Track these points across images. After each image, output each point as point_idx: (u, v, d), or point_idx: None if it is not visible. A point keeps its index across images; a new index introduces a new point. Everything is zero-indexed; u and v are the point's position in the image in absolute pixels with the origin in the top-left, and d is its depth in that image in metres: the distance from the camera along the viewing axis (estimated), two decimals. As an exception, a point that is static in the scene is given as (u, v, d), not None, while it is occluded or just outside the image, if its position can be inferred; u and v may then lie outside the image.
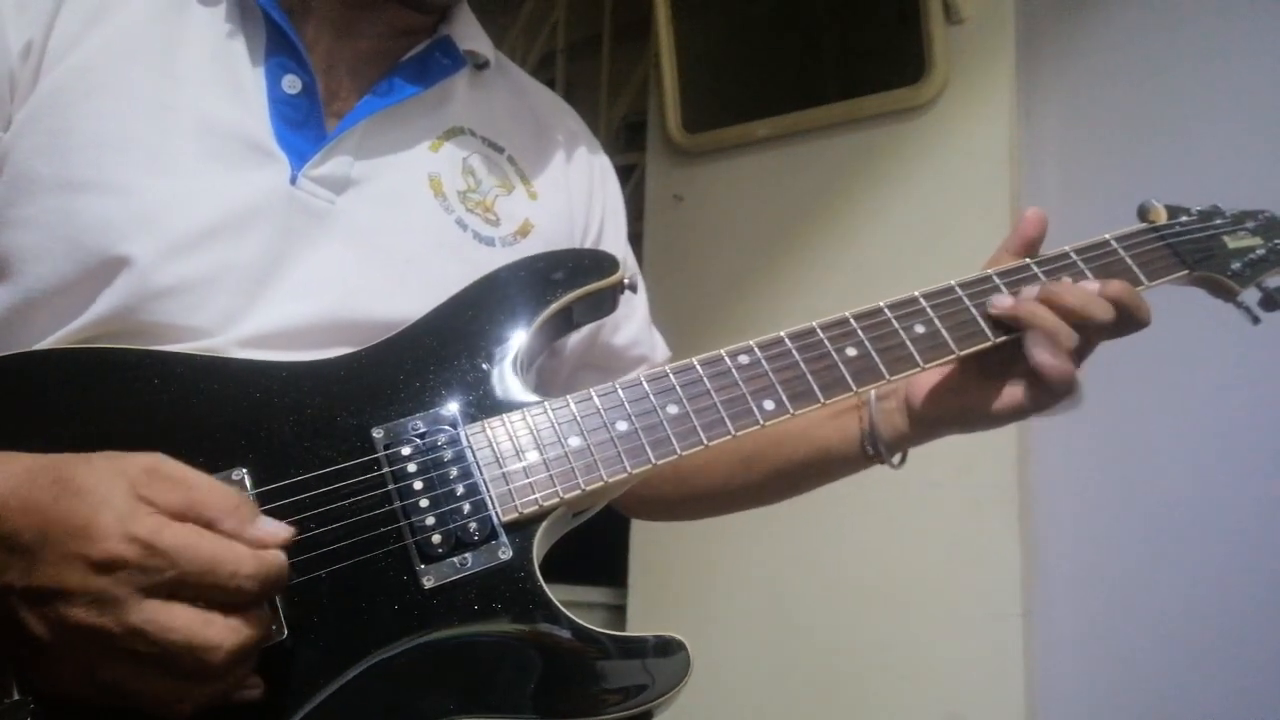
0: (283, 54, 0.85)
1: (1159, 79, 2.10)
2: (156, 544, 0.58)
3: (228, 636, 0.59)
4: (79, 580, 0.57)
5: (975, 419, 0.89)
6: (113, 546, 0.57)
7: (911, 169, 2.23)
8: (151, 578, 0.58)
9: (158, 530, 0.59)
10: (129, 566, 0.57)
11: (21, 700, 0.61)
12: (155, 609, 0.58)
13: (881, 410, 0.94)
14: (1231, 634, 1.85)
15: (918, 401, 0.91)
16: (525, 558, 0.73)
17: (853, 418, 0.96)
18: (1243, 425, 1.91)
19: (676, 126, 2.53)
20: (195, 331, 0.77)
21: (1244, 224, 0.98)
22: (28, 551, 0.57)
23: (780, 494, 1.05)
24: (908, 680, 2.02)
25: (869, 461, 0.96)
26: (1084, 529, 2.03)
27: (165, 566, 0.58)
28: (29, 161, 0.77)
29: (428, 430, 0.76)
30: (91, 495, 0.59)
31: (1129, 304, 0.85)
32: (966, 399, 0.89)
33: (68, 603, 0.57)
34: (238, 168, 0.81)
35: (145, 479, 0.60)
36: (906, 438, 0.93)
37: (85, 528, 0.58)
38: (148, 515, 0.59)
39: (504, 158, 0.97)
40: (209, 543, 0.60)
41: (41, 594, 0.57)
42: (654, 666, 0.72)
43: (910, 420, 0.92)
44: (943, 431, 0.92)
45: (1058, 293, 0.84)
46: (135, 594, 0.57)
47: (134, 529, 0.58)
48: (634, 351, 1.07)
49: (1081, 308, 0.83)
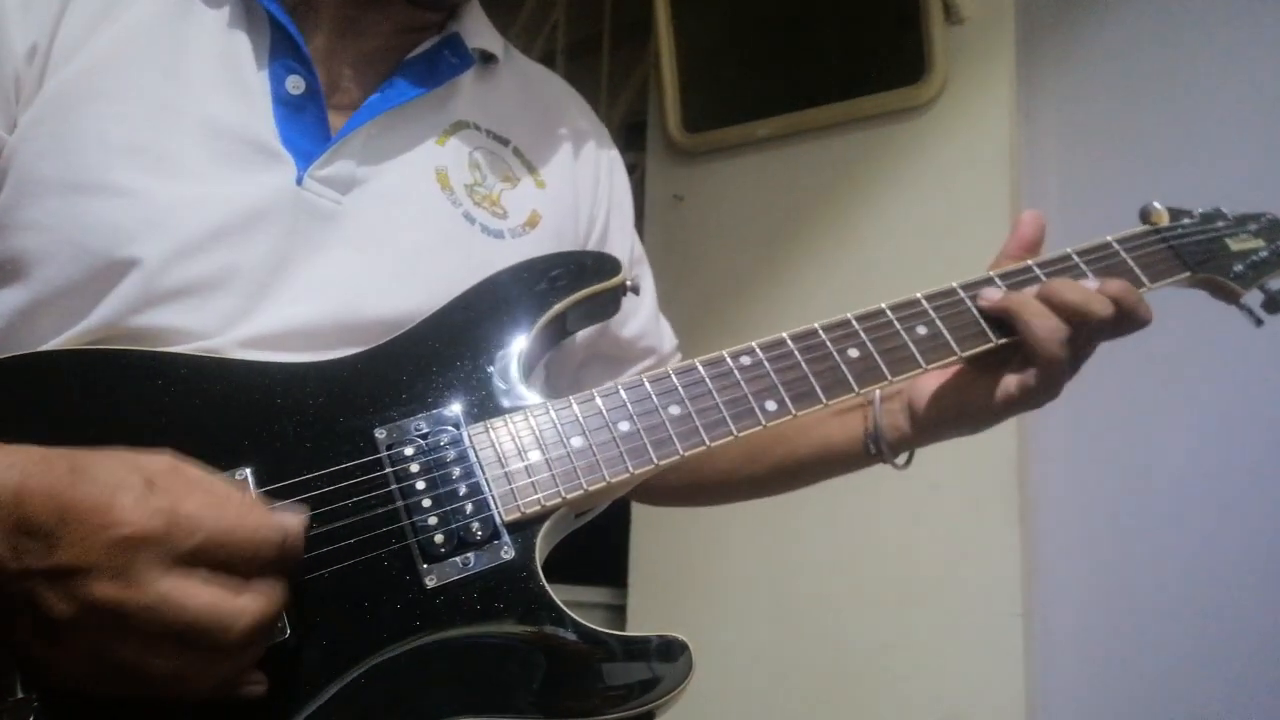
0: (287, 55, 0.85)
1: (1159, 79, 2.10)
2: (179, 510, 0.59)
3: (247, 605, 0.59)
4: (102, 556, 0.57)
5: (972, 416, 0.90)
6: (135, 519, 0.58)
7: (911, 169, 2.23)
8: (175, 547, 0.58)
9: (178, 501, 0.59)
10: (152, 539, 0.58)
11: (25, 698, 0.61)
12: (176, 581, 0.58)
13: (886, 411, 0.95)
14: (1231, 634, 1.85)
15: (920, 403, 0.92)
16: (528, 558, 0.74)
17: (857, 416, 0.97)
18: (1243, 425, 1.91)
19: (676, 126, 2.53)
20: (199, 333, 0.77)
21: (1246, 226, 0.98)
22: (48, 534, 0.57)
23: (783, 486, 1.06)
24: (908, 680, 2.03)
25: (871, 460, 0.97)
26: (1084, 529, 2.04)
27: (189, 532, 0.59)
28: (34, 164, 0.77)
29: (430, 430, 0.76)
30: (109, 480, 0.59)
31: (1128, 301, 0.85)
32: (963, 397, 0.90)
33: (92, 579, 0.57)
34: (243, 169, 0.81)
35: (161, 475, 0.61)
36: (908, 439, 0.94)
37: (105, 507, 0.58)
38: (165, 493, 0.60)
39: (509, 150, 0.97)
40: (231, 508, 0.61)
41: (63, 572, 0.57)
42: (656, 667, 0.72)
43: (912, 421, 0.93)
44: (944, 432, 0.93)
45: (1057, 289, 0.85)
46: (157, 567, 0.58)
47: (154, 504, 0.59)
48: (642, 343, 1.07)
49: (1081, 304, 0.84)
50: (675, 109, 2.53)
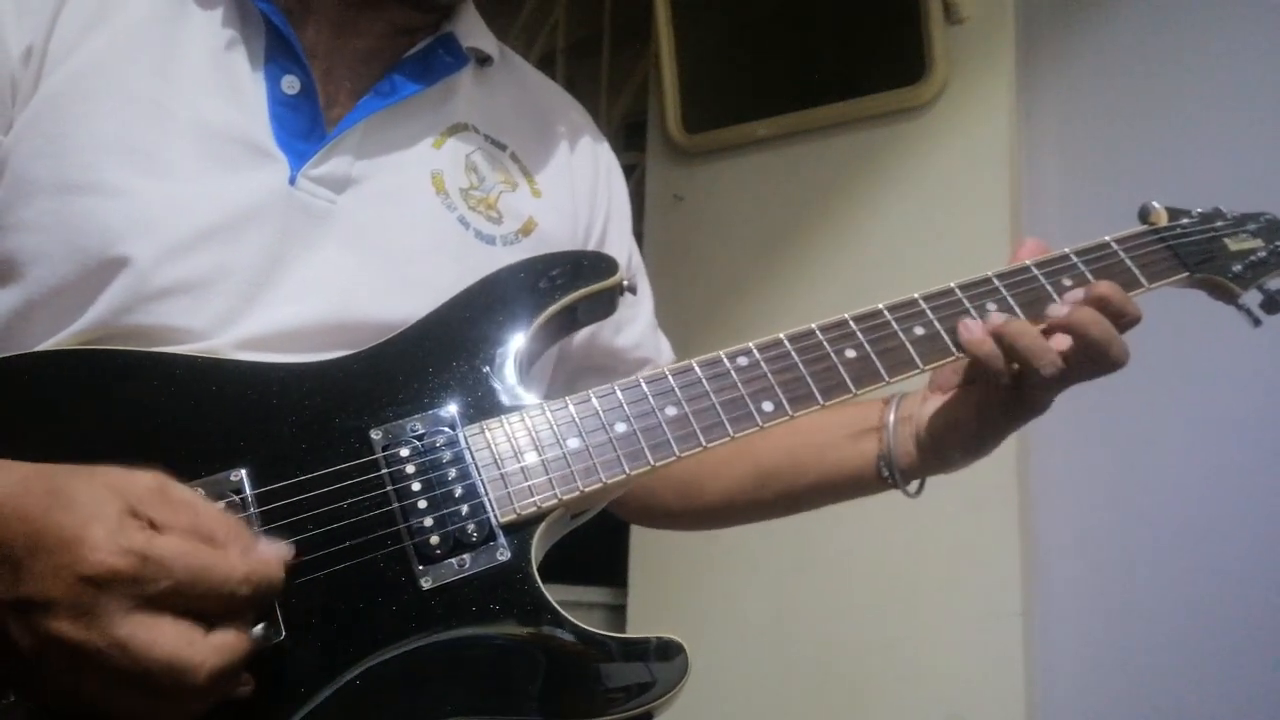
0: (281, 55, 0.85)
1: (1159, 79, 2.10)
2: (150, 553, 0.58)
3: (209, 657, 0.58)
4: (65, 592, 0.56)
5: (967, 439, 0.89)
6: (104, 559, 0.56)
7: (911, 169, 2.23)
8: (144, 589, 0.57)
9: (149, 541, 0.58)
10: (120, 579, 0.57)
11: (14, 701, 0.60)
12: (139, 624, 0.57)
13: (898, 435, 0.93)
14: (1231, 634, 1.85)
15: (923, 429, 0.91)
16: (524, 559, 0.73)
17: (872, 439, 0.95)
18: (1242, 425, 1.91)
19: (676, 126, 2.53)
20: (193, 333, 0.77)
21: (1245, 226, 0.98)
22: (16, 563, 0.57)
23: (785, 511, 1.04)
24: (908, 680, 2.02)
25: (883, 485, 0.95)
26: (1084, 529, 2.03)
27: (158, 576, 0.57)
28: (28, 164, 0.77)
29: (426, 432, 0.76)
30: (84, 509, 0.58)
31: (1096, 340, 0.83)
32: (958, 418, 0.89)
33: (52, 615, 0.56)
34: (236, 169, 0.81)
35: (147, 497, 0.60)
36: (917, 466, 0.93)
37: (76, 540, 0.57)
38: (138, 530, 0.59)
39: (507, 155, 0.97)
40: (203, 551, 0.60)
41: (27, 604, 0.57)
42: (652, 668, 0.72)
43: (918, 447, 0.92)
44: (947, 455, 0.91)
45: (1012, 333, 0.82)
46: (122, 607, 0.57)
47: (125, 542, 0.57)
48: (637, 354, 1.06)
49: (1028, 351, 0.82)
50: (675, 109, 2.53)
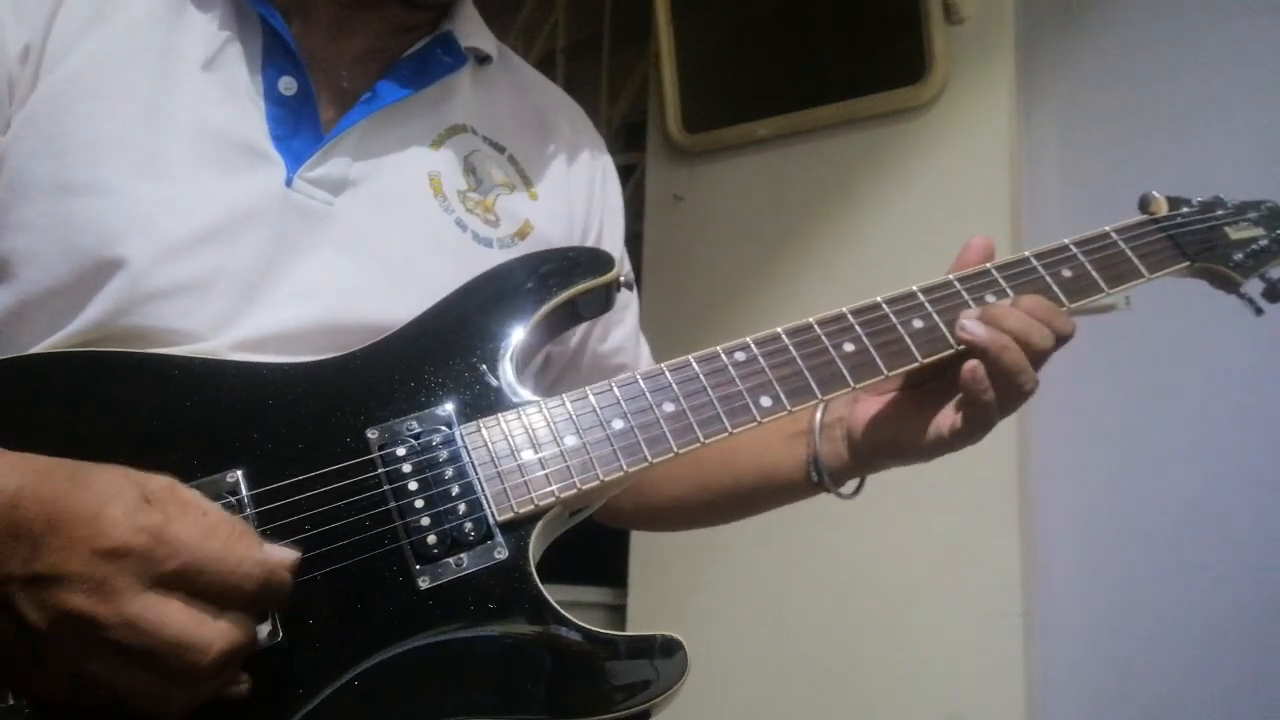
0: (278, 56, 0.85)
1: (1159, 79, 2.10)
2: (164, 533, 0.59)
3: (217, 638, 0.59)
4: (81, 566, 0.57)
5: (906, 449, 0.89)
6: (120, 534, 0.58)
7: (911, 169, 2.23)
8: (155, 567, 0.58)
9: (166, 522, 0.60)
10: (134, 555, 0.58)
11: (16, 705, 0.60)
12: (152, 602, 0.58)
13: (825, 438, 0.93)
14: (1231, 633, 1.85)
15: (857, 432, 0.91)
16: (521, 558, 0.73)
17: (803, 442, 0.95)
18: (1243, 423, 1.91)
19: (676, 126, 2.53)
20: (190, 335, 0.77)
21: (1246, 215, 0.97)
22: (35, 540, 0.58)
23: (733, 514, 1.04)
24: (908, 680, 2.02)
25: (816, 489, 0.95)
26: (1084, 529, 2.03)
27: (172, 554, 0.59)
28: (25, 164, 0.77)
29: (423, 430, 0.76)
30: (104, 492, 0.59)
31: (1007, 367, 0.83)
32: (898, 429, 0.88)
33: (67, 588, 0.57)
34: (232, 171, 0.81)
35: (159, 493, 0.61)
36: (848, 467, 0.93)
37: (94, 517, 0.58)
38: (155, 512, 0.60)
39: (505, 157, 0.97)
40: (217, 538, 0.61)
41: (41, 579, 0.57)
42: (651, 666, 0.72)
43: (850, 449, 0.92)
44: (882, 462, 0.91)
45: (996, 317, 0.84)
46: (135, 584, 0.58)
47: (143, 520, 0.59)
48: (616, 359, 1.05)
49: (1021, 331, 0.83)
50: (675, 109, 2.53)
